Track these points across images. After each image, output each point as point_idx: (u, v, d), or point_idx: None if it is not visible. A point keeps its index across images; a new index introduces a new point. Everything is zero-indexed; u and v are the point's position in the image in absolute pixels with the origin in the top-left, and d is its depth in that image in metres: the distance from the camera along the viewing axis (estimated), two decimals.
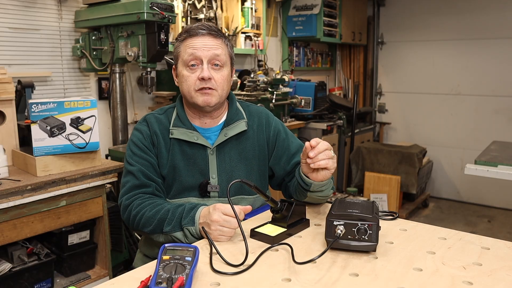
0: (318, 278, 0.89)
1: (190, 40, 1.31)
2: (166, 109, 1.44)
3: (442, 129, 4.96)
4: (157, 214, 1.22)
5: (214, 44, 1.31)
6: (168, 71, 3.08)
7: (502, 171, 2.23)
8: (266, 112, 1.50)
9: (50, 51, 2.57)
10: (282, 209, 1.15)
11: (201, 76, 1.29)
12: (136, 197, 1.30)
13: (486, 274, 0.91)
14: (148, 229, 1.23)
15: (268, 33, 4.24)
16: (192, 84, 1.31)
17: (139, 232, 1.30)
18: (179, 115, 1.39)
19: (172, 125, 1.37)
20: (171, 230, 1.19)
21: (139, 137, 1.37)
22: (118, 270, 2.40)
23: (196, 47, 1.29)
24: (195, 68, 1.31)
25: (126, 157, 1.37)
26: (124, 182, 1.34)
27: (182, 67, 1.33)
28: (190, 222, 1.16)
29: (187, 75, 1.31)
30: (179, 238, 1.19)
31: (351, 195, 4.11)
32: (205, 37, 1.31)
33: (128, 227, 1.33)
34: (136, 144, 1.36)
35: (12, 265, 1.86)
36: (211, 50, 1.30)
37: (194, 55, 1.29)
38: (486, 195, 4.68)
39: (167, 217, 1.20)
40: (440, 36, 4.84)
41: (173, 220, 1.19)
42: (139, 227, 1.27)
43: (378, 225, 1.00)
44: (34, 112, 1.77)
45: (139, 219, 1.25)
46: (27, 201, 1.74)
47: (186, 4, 3.19)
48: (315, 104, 4.23)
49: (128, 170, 1.34)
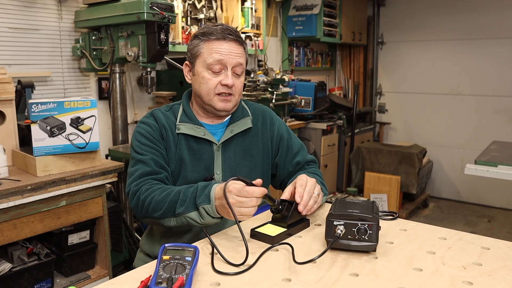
0: (318, 278, 0.89)
1: (216, 43, 1.30)
2: (171, 106, 1.44)
3: (442, 129, 4.96)
4: (167, 196, 1.18)
5: (239, 52, 1.33)
6: (168, 71, 3.08)
7: (502, 171, 2.23)
8: (270, 111, 1.51)
9: (50, 51, 2.57)
10: (282, 209, 1.15)
11: (225, 83, 1.30)
12: (145, 183, 1.26)
13: (486, 274, 0.91)
14: (159, 213, 1.19)
15: (268, 33, 4.24)
16: (213, 87, 1.31)
17: (148, 219, 1.25)
18: (186, 112, 1.39)
19: (179, 121, 1.37)
20: (185, 211, 1.14)
21: (147, 129, 1.36)
22: (118, 270, 2.40)
23: (223, 53, 1.29)
24: (218, 73, 1.31)
25: (134, 147, 1.34)
26: (132, 171, 1.30)
27: (203, 68, 1.32)
28: (205, 200, 1.11)
29: (209, 78, 1.31)
30: (193, 218, 1.14)
31: (351, 195, 4.11)
32: (232, 43, 1.31)
33: (136, 215, 1.28)
34: (145, 136, 1.34)
35: (12, 265, 1.86)
36: (236, 58, 1.31)
37: (220, 61, 1.29)
38: (486, 195, 4.68)
39: (179, 198, 1.16)
40: (440, 36, 4.84)
41: (186, 200, 1.15)
42: (148, 213, 1.22)
43: (378, 225, 1.00)
44: (34, 112, 1.77)
45: (148, 204, 1.21)
46: (27, 201, 1.74)
47: (186, 4, 3.19)
48: (315, 104, 4.23)
49: (138, 159, 1.31)
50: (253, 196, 1.04)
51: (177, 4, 3.02)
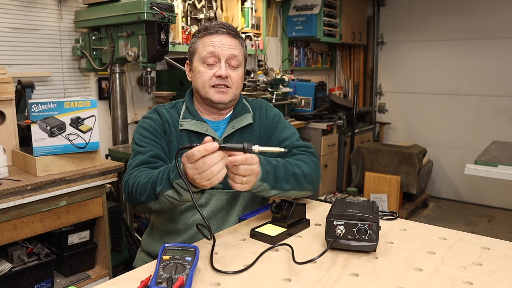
0: (318, 278, 0.89)
1: (209, 37, 1.33)
2: (174, 103, 1.45)
3: (442, 129, 4.96)
4: (150, 178, 1.15)
5: (233, 44, 1.34)
6: (168, 71, 3.08)
7: (502, 171, 2.23)
8: (265, 103, 1.51)
9: (50, 51, 2.57)
10: (282, 209, 1.15)
11: (218, 74, 1.31)
12: (137, 170, 1.24)
13: (486, 274, 0.91)
14: (144, 197, 1.16)
15: (268, 33, 4.24)
16: (208, 79, 1.33)
17: (140, 206, 1.20)
18: (189, 109, 1.40)
19: (182, 117, 1.38)
20: (162, 190, 1.09)
21: (150, 123, 1.36)
22: (118, 270, 2.40)
23: (216, 45, 1.31)
24: (212, 66, 1.33)
25: (135, 140, 1.34)
26: (130, 163, 1.29)
27: (199, 63, 1.34)
28: (178, 175, 1.04)
29: (203, 71, 1.33)
30: (172, 196, 1.09)
31: (351, 195, 4.11)
32: (224, 36, 1.33)
33: (130, 205, 1.26)
34: (147, 129, 1.35)
35: (12, 265, 1.85)
36: (229, 50, 1.32)
37: (213, 53, 1.31)
38: (486, 195, 4.68)
39: (158, 178, 1.12)
40: (440, 36, 4.84)
41: (163, 178, 1.10)
42: (137, 200, 1.19)
43: (378, 225, 1.00)
44: (34, 112, 1.77)
45: (135, 190, 1.18)
46: (27, 201, 1.74)
47: (186, 4, 3.19)
48: (315, 104, 4.23)
49: (137, 151, 1.30)
50: (202, 156, 0.95)
51: (177, 4, 3.02)
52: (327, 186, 4.29)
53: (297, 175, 1.26)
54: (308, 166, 1.31)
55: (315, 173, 1.33)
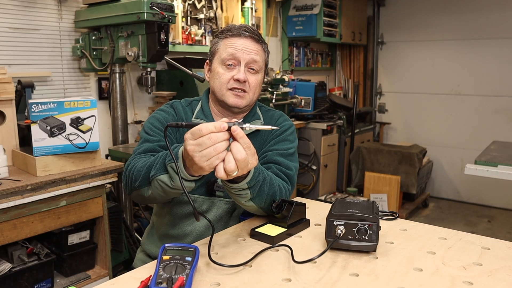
0: (318, 278, 0.89)
1: (232, 39, 1.31)
2: (190, 101, 1.44)
3: (442, 129, 4.96)
4: (146, 163, 1.12)
5: (255, 49, 1.32)
6: (168, 71, 3.08)
7: (502, 171, 2.23)
8: (280, 114, 1.48)
9: (50, 51, 2.57)
10: (282, 209, 1.15)
11: (236, 78, 1.30)
12: (141, 156, 1.22)
13: (486, 274, 0.91)
14: (138, 182, 1.13)
15: (268, 33, 4.24)
16: (225, 82, 1.31)
17: (134, 193, 1.16)
18: (203, 109, 1.40)
19: (195, 117, 1.38)
20: (156, 173, 1.06)
21: (164, 116, 1.35)
22: (118, 270, 2.40)
23: (237, 48, 1.30)
24: (231, 68, 1.31)
25: (145, 128, 1.33)
26: (136, 149, 1.28)
27: (218, 64, 1.33)
28: (172, 159, 0.98)
29: (222, 73, 1.32)
30: (165, 181, 1.04)
31: (351, 195, 4.11)
32: (247, 39, 1.32)
33: (127, 192, 1.22)
34: (159, 120, 1.34)
35: (12, 265, 1.85)
36: (251, 54, 1.31)
37: (234, 55, 1.30)
38: (486, 195, 4.68)
39: (155, 162, 1.09)
40: (440, 36, 4.84)
41: (159, 162, 1.07)
42: (133, 185, 1.16)
43: (378, 225, 1.00)
44: (34, 112, 1.77)
45: (132, 175, 1.16)
46: (27, 201, 1.74)
47: (186, 4, 3.19)
48: (315, 104, 4.23)
49: (145, 139, 1.29)
50: (210, 132, 0.87)
51: (177, 4, 3.02)
52: (327, 186, 4.29)
53: (273, 196, 1.18)
54: (282, 195, 1.22)
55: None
